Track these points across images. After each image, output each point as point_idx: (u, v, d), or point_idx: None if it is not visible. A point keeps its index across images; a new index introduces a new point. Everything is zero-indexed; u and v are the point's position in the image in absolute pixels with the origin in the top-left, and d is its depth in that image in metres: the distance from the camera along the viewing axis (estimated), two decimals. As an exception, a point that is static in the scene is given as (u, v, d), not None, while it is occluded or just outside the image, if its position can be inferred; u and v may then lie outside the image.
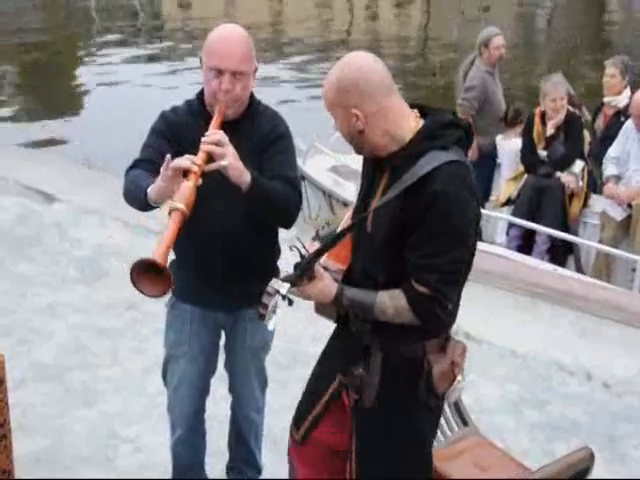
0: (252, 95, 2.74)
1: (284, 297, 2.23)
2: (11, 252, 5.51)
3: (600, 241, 5.79)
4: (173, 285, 2.18)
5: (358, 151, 2.33)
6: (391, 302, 2.22)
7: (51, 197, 6.46)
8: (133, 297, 4.75)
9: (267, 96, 2.89)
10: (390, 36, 17.59)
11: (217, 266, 2.73)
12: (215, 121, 2.56)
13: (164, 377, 3.01)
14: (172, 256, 2.87)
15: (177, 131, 2.68)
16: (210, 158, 2.41)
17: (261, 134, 2.70)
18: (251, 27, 15.53)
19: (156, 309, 4.14)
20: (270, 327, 2.30)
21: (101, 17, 19.84)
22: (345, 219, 2.50)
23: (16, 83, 13.63)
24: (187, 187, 2.30)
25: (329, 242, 2.29)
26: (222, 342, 3.03)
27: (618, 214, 5.71)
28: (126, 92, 12.08)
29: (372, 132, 2.22)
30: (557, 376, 4.20)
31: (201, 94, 2.72)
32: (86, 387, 4.03)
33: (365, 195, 2.37)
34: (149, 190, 2.45)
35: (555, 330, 4.66)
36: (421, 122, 2.25)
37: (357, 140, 2.26)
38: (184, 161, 2.34)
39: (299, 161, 6.85)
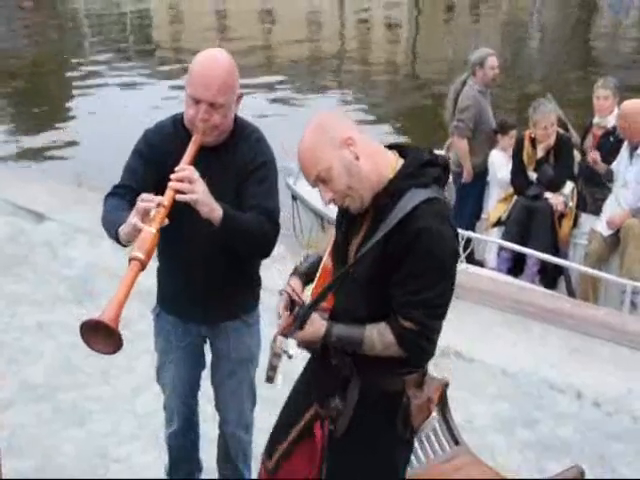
0: (237, 120, 2.74)
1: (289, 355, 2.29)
2: (1, 271, 5.49)
3: (585, 254, 5.84)
4: (122, 342, 2.22)
5: (353, 204, 2.26)
6: (379, 337, 2.25)
7: (41, 216, 6.45)
8: (123, 316, 4.75)
9: (260, 114, 2.89)
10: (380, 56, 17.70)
11: (198, 283, 2.77)
12: (188, 153, 2.56)
13: (158, 380, 3.09)
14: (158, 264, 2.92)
15: (158, 154, 2.69)
16: (180, 193, 2.43)
17: (241, 162, 2.69)
18: (242, 51, 15.69)
19: (147, 328, 4.12)
20: (279, 383, 2.33)
21: (92, 35, 19.88)
22: (326, 254, 2.50)
23: (5, 102, 13.61)
24: (149, 234, 2.32)
25: (324, 292, 2.33)
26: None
27: (604, 230, 5.74)
28: (117, 110, 12.08)
29: (365, 158, 2.22)
30: (548, 395, 4.21)
31: None
32: (76, 407, 4.01)
33: (345, 233, 2.37)
34: (119, 231, 2.47)
35: (545, 349, 4.66)
36: (400, 161, 2.29)
37: (355, 179, 2.21)
38: (148, 204, 2.37)
39: (291, 181, 6.90)
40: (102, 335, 2.17)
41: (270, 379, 2.31)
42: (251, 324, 2.96)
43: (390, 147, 2.34)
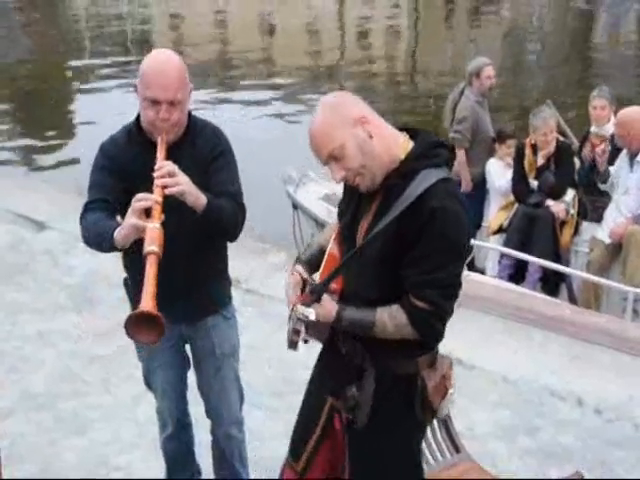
0: (190, 115, 2.80)
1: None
2: (2, 280, 5.49)
3: (588, 263, 5.83)
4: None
5: (364, 182, 2.28)
6: (390, 320, 2.25)
7: (42, 225, 6.46)
8: (124, 324, 4.75)
9: (257, 122, 2.91)
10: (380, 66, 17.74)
11: (179, 281, 2.79)
12: (160, 152, 2.62)
13: (147, 386, 3.12)
14: (124, 274, 2.96)
15: (121, 164, 2.74)
16: (165, 188, 2.48)
17: (201, 155, 2.77)
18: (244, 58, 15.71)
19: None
20: (300, 350, 2.35)
21: (94, 47, 19.92)
22: (332, 240, 2.51)
23: (5, 110, 13.63)
24: (155, 229, 2.38)
25: (335, 272, 2.33)
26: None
27: (606, 237, 5.74)
28: (116, 118, 12.08)
29: (378, 138, 2.24)
30: (548, 402, 4.20)
31: (139, 120, 2.76)
32: (77, 415, 4.01)
33: (354, 215, 2.38)
34: (115, 235, 2.49)
35: (546, 356, 4.66)
36: (410, 143, 2.31)
37: (368, 157, 2.22)
38: (145, 202, 2.42)
39: (291, 189, 6.91)
40: (145, 326, 2.22)
41: (294, 344, 2.30)
42: (229, 317, 3.01)
43: (399, 129, 2.36)
